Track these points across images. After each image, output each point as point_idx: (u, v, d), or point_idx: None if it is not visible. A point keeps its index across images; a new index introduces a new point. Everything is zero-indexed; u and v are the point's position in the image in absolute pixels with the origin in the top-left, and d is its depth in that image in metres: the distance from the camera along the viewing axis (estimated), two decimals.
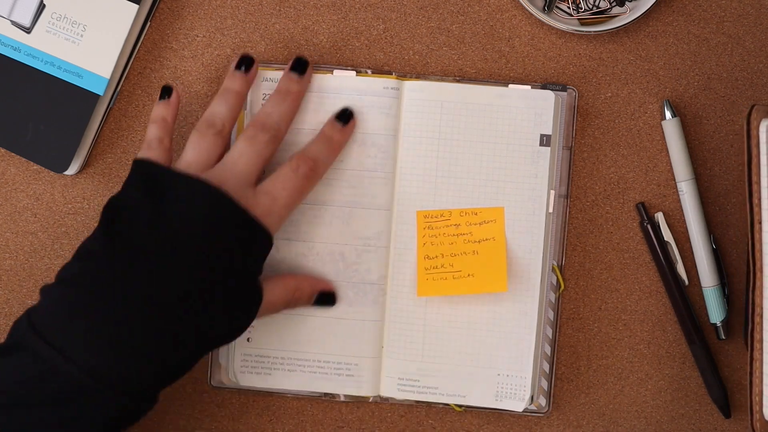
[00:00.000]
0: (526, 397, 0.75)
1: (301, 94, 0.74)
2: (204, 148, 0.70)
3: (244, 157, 0.69)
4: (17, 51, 0.75)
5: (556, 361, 0.77)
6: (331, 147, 0.73)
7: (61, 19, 0.75)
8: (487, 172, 0.75)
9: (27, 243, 0.79)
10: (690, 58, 0.78)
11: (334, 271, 0.76)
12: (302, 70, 0.74)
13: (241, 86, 0.73)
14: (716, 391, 0.77)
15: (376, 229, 0.75)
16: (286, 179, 0.70)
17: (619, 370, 0.78)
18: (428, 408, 0.78)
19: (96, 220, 0.78)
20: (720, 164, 0.78)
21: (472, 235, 0.75)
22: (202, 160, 0.69)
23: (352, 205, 0.75)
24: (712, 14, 0.78)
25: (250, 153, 0.69)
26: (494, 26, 0.78)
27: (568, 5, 0.78)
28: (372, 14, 0.78)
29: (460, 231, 0.75)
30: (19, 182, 0.79)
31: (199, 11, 0.78)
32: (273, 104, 0.72)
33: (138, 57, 0.78)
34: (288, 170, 0.70)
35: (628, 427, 0.78)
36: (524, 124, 0.75)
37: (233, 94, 0.72)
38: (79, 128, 0.75)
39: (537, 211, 0.75)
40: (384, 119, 0.75)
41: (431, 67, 0.78)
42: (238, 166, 0.68)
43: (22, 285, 0.79)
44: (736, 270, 0.77)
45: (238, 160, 0.69)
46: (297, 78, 0.74)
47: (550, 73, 0.78)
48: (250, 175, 0.69)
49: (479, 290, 0.74)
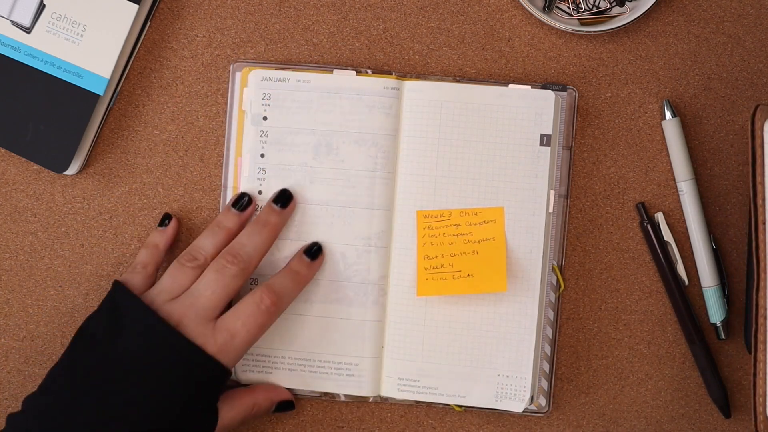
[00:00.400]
0: (526, 397, 0.75)
1: (279, 227, 0.75)
2: (179, 279, 0.72)
3: (209, 290, 0.70)
4: (17, 51, 0.75)
5: (556, 361, 0.77)
6: (296, 281, 0.74)
7: (61, 19, 0.75)
8: (487, 172, 0.75)
9: (27, 243, 0.79)
10: (690, 58, 0.78)
11: (335, 271, 0.76)
12: (284, 203, 0.75)
13: (233, 223, 0.74)
14: (716, 391, 0.77)
15: (377, 229, 0.76)
16: (248, 314, 0.70)
17: (619, 370, 0.78)
18: (428, 408, 0.78)
19: (96, 221, 0.78)
20: (720, 164, 0.78)
21: (472, 235, 0.75)
22: (174, 290, 0.71)
23: (353, 205, 0.76)
24: (712, 14, 0.78)
25: (216, 286, 0.70)
26: (494, 26, 0.78)
27: (568, 5, 0.78)
28: (372, 14, 0.78)
29: (460, 231, 0.75)
30: (19, 182, 0.79)
31: (199, 11, 0.78)
32: (249, 235, 0.73)
33: (138, 57, 0.78)
34: (251, 303, 0.71)
35: (628, 427, 0.78)
36: (524, 124, 0.75)
37: (223, 230, 0.74)
38: (79, 128, 0.75)
39: (537, 211, 0.75)
40: (384, 119, 0.75)
41: (431, 67, 0.78)
42: (201, 300, 0.70)
43: (22, 285, 0.79)
44: (736, 270, 0.77)
45: (203, 293, 0.70)
46: (278, 210, 0.74)
47: (550, 73, 0.78)
48: (213, 309, 0.70)
49: (479, 290, 0.74)
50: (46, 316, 0.79)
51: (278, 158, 0.76)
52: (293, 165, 0.76)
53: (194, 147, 0.78)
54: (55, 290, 0.79)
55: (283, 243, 0.76)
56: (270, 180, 0.76)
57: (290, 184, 0.75)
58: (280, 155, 0.75)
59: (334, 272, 0.76)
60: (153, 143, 0.79)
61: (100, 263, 0.79)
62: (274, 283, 0.72)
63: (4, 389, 0.79)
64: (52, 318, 0.79)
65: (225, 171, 0.77)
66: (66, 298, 0.79)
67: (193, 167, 0.79)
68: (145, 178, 0.79)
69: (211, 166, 0.78)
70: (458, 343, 0.76)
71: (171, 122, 0.79)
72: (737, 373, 0.78)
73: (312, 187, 0.76)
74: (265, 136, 0.76)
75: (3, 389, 0.79)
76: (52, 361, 0.78)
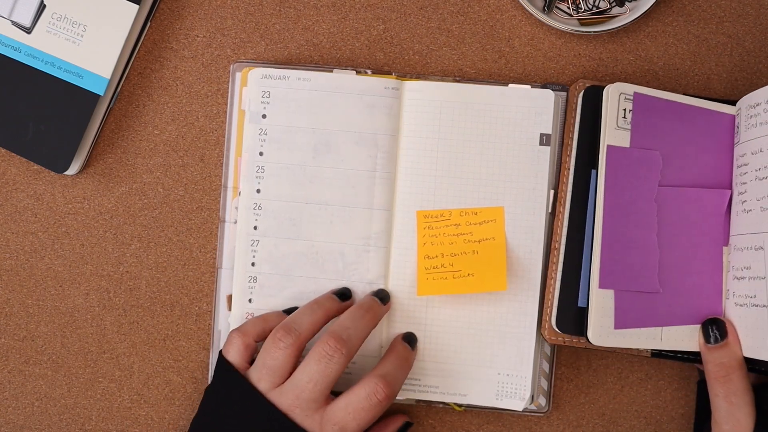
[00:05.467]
0: (526, 396, 0.75)
1: (379, 317, 0.73)
2: (280, 360, 0.69)
3: (312, 381, 0.68)
4: (17, 51, 0.75)
5: (556, 361, 0.77)
6: (405, 369, 0.72)
7: (62, 20, 0.75)
8: (487, 172, 0.75)
9: (27, 243, 0.79)
10: (690, 58, 0.78)
11: (334, 271, 0.76)
12: (384, 300, 0.74)
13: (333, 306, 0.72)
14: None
15: (377, 228, 0.76)
16: (358, 408, 0.67)
17: (619, 370, 0.78)
18: (428, 407, 0.78)
19: (96, 221, 0.78)
20: None
21: (472, 234, 0.75)
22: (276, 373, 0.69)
23: (353, 205, 0.76)
24: (711, 14, 0.78)
25: (320, 377, 0.68)
26: (494, 26, 0.78)
27: (568, 5, 0.78)
28: (372, 14, 0.78)
29: (460, 231, 0.75)
30: (19, 182, 0.79)
31: (199, 11, 0.78)
32: (352, 318, 0.71)
33: (138, 57, 0.78)
34: (362, 395, 0.68)
35: (628, 427, 0.78)
36: (524, 124, 0.75)
37: (323, 309, 0.72)
38: (80, 128, 0.75)
39: (537, 211, 0.75)
40: (384, 119, 0.75)
41: (431, 67, 0.78)
42: (306, 392, 0.68)
43: (23, 285, 0.79)
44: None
45: (307, 385, 0.68)
46: (380, 303, 0.73)
47: (550, 73, 0.78)
48: (319, 401, 0.68)
49: (479, 289, 0.74)
50: (46, 316, 0.79)
51: (277, 157, 0.76)
52: (292, 164, 0.76)
53: (194, 147, 0.79)
54: (55, 290, 0.79)
55: (282, 242, 0.76)
56: (268, 179, 0.76)
57: (289, 183, 0.75)
58: (279, 154, 0.75)
59: (334, 272, 0.76)
60: (153, 143, 0.79)
61: (100, 263, 0.79)
62: (387, 373, 0.69)
63: (5, 389, 0.79)
64: (52, 318, 0.79)
65: (225, 171, 0.77)
66: (66, 298, 0.79)
67: (193, 167, 0.79)
68: (145, 178, 0.79)
69: (211, 166, 0.79)
70: (458, 343, 0.76)
71: (171, 122, 0.79)
72: None
73: (311, 187, 0.76)
74: (264, 134, 0.76)
75: (3, 389, 0.79)
76: (52, 360, 0.78)
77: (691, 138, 0.73)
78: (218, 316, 0.77)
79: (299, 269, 0.76)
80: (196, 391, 0.79)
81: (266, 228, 0.76)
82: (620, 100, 0.72)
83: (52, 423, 0.79)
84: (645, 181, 0.72)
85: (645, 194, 0.71)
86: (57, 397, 0.79)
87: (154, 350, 0.79)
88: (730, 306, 0.71)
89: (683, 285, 0.72)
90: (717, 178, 0.73)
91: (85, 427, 0.79)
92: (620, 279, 0.71)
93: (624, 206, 0.71)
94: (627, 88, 0.72)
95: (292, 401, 0.68)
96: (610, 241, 0.71)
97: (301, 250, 0.76)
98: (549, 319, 0.73)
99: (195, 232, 0.78)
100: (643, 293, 0.71)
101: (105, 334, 0.79)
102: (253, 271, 0.76)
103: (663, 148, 0.72)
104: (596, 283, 0.71)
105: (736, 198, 0.72)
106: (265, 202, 0.76)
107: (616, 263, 0.71)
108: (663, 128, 0.72)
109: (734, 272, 0.71)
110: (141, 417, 0.79)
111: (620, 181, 0.71)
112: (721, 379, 0.68)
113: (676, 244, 0.72)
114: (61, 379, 0.79)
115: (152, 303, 0.79)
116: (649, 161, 0.72)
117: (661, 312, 0.71)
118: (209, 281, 0.79)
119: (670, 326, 0.72)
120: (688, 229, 0.72)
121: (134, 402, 0.79)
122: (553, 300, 0.73)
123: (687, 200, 0.72)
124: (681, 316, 0.72)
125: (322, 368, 0.68)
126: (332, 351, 0.68)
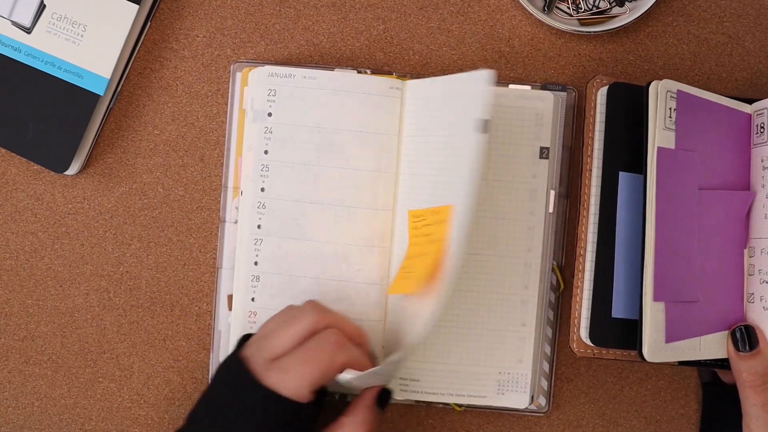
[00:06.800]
0: (526, 396, 0.75)
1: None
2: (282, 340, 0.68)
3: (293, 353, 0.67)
4: (17, 51, 0.75)
5: (556, 361, 0.77)
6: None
7: (62, 20, 0.75)
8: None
9: (27, 243, 0.79)
10: (690, 58, 0.78)
11: (337, 271, 0.76)
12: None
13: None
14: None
15: (379, 229, 0.75)
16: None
17: (619, 370, 0.78)
18: (428, 408, 0.78)
19: (96, 221, 0.78)
20: None
21: (432, 235, 0.72)
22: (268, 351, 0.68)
23: (355, 206, 0.75)
24: (711, 14, 0.78)
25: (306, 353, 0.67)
26: (494, 26, 0.78)
27: (568, 5, 0.78)
28: (372, 14, 0.78)
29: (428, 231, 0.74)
30: (19, 182, 0.79)
31: (199, 11, 0.78)
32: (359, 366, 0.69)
33: (138, 57, 0.78)
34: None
35: (628, 427, 0.78)
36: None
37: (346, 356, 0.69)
38: (80, 128, 0.75)
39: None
40: (389, 119, 0.75)
41: (431, 67, 0.78)
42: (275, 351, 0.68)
43: (23, 285, 0.79)
44: None
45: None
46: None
47: (550, 73, 0.78)
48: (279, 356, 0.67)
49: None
50: (46, 316, 0.79)
51: (282, 155, 0.75)
52: (297, 163, 0.76)
53: (194, 147, 0.79)
54: (55, 290, 0.79)
55: (285, 242, 0.75)
56: (273, 177, 0.75)
57: (294, 182, 0.75)
58: (284, 152, 0.75)
59: (337, 272, 0.76)
60: (153, 143, 0.79)
61: (100, 263, 0.79)
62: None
63: (5, 389, 0.79)
64: (52, 318, 0.79)
65: (225, 171, 0.77)
66: (66, 298, 0.79)
67: (193, 167, 0.79)
68: (145, 178, 0.79)
69: (211, 166, 0.79)
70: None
71: (171, 122, 0.79)
72: None
73: (315, 186, 0.75)
74: (269, 132, 0.76)
75: (3, 389, 0.79)
76: (52, 360, 0.78)
77: (717, 137, 0.69)
78: (218, 316, 0.77)
79: (302, 269, 0.75)
80: (196, 391, 0.79)
81: (270, 227, 0.76)
82: (667, 99, 0.68)
83: (52, 423, 0.79)
84: (688, 184, 0.67)
85: (688, 199, 0.67)
86: (57, 397, 0.79)
87: (154, 350, 0.79)
88: (756, 310, 0.68)
89: (713, 291, 0.69)
90: (739, 179, 0.70)
91: (85, 427, 0.79)
92: (671, 290, 0.67)
93: (671, 212, 0.67)
94: (673, 86, 0.68)
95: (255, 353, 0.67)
96: (662, 250, 0.66)
97: (304, 250, 0.75)
98: (577, 330, 0.71)
99: (195, 232, 0.78)
100: (686, 303, 0.67)
101: (105, 334, 0.79)
102: (255, 270, 0.75)
103: (698, 149, 0.69)
104: (650, 296, 0.66)
105: (762, 200, 0.69)
106: (269, 201, 0.75)
107: (667, 274, 0.67)
108: (697, 127, 0.69)
109: (762, 276, 0.68)
110: (141, 417, 0.79)
111: (668, 186, 0.67)
112: (758, 388, 0.67)
113: (709, 249, 0.68)
114: (61, 379, 0.79)
115: (152, 303, 0.79)
116: (690, 163, 0.68)
117: (698, 321, 0.68)
118: (209, 281, 0.79)
119: (706, 335, 0.68)
120: (718, 233, 0.69)
121: (134, 402, 0.79)
122: (580, 310, 0.70)
123: (719, 203, 0.69)
124: (714, 324, 0.68)
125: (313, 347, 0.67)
126: (332, 348, 0.67)
